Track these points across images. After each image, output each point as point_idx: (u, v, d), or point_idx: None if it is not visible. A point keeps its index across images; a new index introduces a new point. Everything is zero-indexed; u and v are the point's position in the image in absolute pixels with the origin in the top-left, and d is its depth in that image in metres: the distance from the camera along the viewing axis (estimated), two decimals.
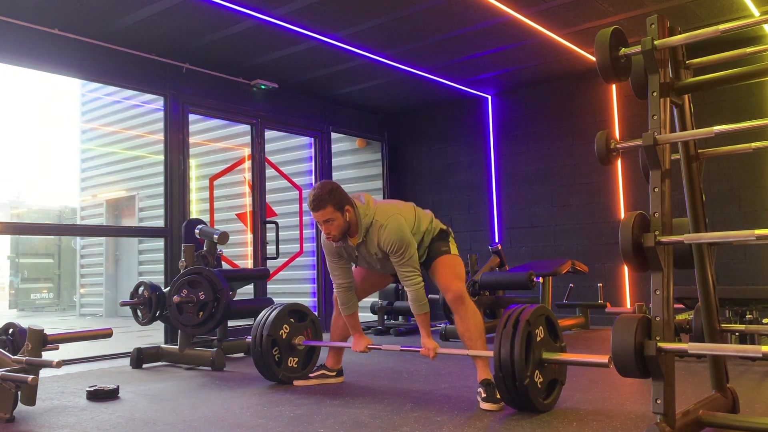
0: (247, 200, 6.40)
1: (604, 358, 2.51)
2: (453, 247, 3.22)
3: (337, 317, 3.50)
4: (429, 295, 3.17)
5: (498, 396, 2.79)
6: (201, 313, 4.08)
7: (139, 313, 4.47)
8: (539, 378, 2.63)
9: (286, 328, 3.51)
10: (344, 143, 7.71)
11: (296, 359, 3.55)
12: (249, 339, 3.95)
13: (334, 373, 3.53)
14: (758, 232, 1.79)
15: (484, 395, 2.80)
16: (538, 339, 2.63)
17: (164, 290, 4.41)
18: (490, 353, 2.76)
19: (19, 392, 2.74)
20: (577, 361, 2.86)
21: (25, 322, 3.36)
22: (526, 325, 2.57)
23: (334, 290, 3.34)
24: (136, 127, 10.28)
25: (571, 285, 5.92)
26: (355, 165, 7.78)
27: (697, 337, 3.28)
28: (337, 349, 3.55)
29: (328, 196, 2.99)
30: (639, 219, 1.95)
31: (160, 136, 5.52)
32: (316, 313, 4.11)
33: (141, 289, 4.45)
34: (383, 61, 5.71)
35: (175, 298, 4.05)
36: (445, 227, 3.28)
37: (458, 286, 3.04)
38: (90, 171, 11.68)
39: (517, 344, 2.52)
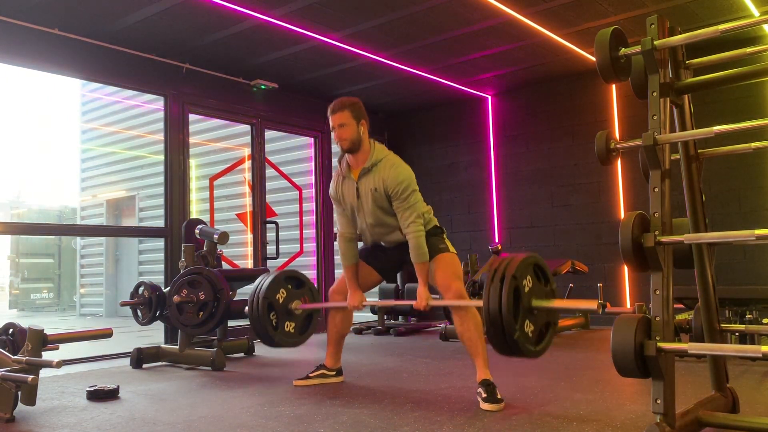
0: (247, 200, 6.40)
1: (593, 304, 2.44)
2: (450, 245, 3.23)
3: (333, 315, 3.50)
4: (433, 295, 3.16)
5: (499, 396, 2.79)
6: (201, 313, 4.08)
7: (139, 313, 4.47)
8: (530, 327, 2.55)
9: (283, 293, 3.48)
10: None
11: (293, 324, 3.51)
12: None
13: (334, 373, 3.53)
14: (758, 232, 1.79)
15: (484, 395, 2.80)
16: (527, 290, 2.55)
17: (164, 290, 4.42)
18: (485, 357, 2.74)
19: (19, 392, 2.74)
20: (567, 308, 2.79)
21: (25, 322, 3.36)
22: (512, 280, 2.49)
23: (338, 271, 3.38)
24: (136, 127, 10.29)
25: (571, 285, 5.92)
26: None
27: (697, 337, 3.28)
28: (336, 349, 3.55)
29: (349, 103, 3.19)
30: (639, 219, 1.95)
31: (160, 136, 5.52)
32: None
33: (141, 289, 4.45)
34: (383, 61, 5.71)
35: (175, 298, 4.05)
36: (439, 225, 3.29)
37: (458, 286, 3.03)
38: (90, 171, 11.69)
39: (504, 299, 2.45)
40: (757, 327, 2.73)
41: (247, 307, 3.52)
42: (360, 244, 3.47)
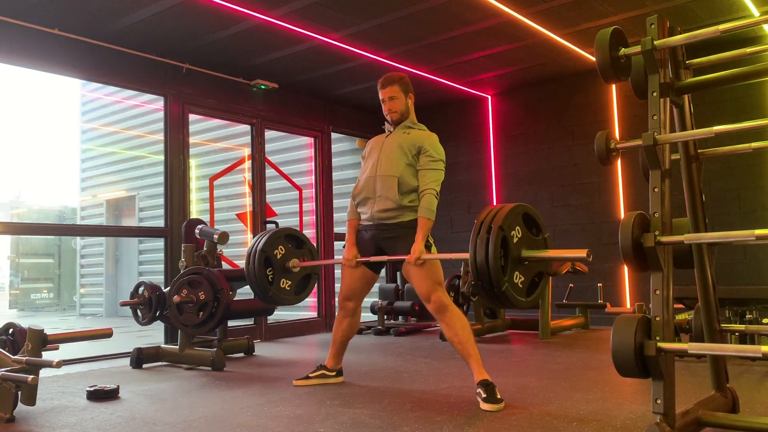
0: (247, 200, 6.40)
1: (582, 252, 2.41)
2: (434, 250, 3.18)
3: (340, 320, 3.48)
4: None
5: (498, 396, 2.79)
6: (201, 313, 4.08)
7: (139, 313, 4.47)
8: (520, 278, 2.53)
9: (282, 249, 3.46)
10: (344, 143, 7.71)
11: (289, 282, 3.49)
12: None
13: (334, 373, 3.53)
14: (758, 232, 1.79)
15: (484, 395, 2.80)
16: (515, 240, 2.51)
17: (164, 290, 4.42)
18: (478, 357, 2.72)
19: (19, 392, 2.74)
20: (556, 257, 2.76)
21: (25, 322, 3.36)
22: (500, 231, 2.45)
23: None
24: (136, 127, 10.29)
25: (571, 285, 5.92)
26: (355, 165, 7.78)
27: (697, 337, 3.29)
28: (338, 351, 3.54)
29: (398, 78, 3.34)
30: (639, 219, 1.95)
31: (160, 136, 5.52)
32: (315, 315, 4.08)
33: (141, 289, 4.45)
34: (383, 61, 5.71)
35: (175, 298, 4.05)
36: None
37: (438, 296, 3.04)
38: (90, 171, 11.69)
39: (491, 251, 2.42)
40: (757, 327, 2.73)
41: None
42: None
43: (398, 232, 3.16)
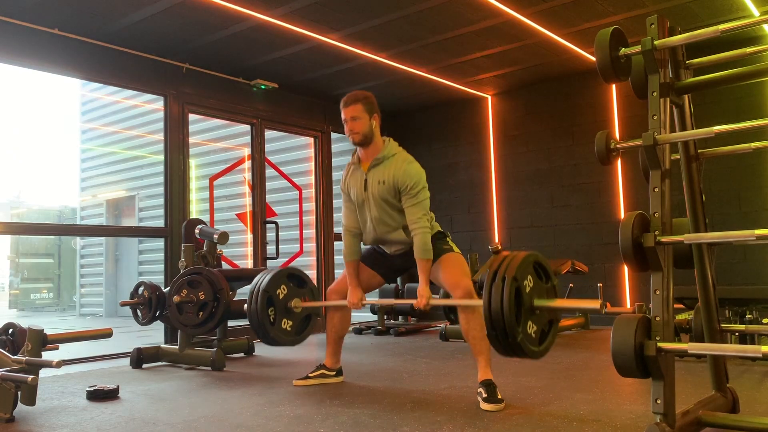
0: (247, 200, 6.40)
1: (596, 303, 2.39)
2: (454, 247, 3.22)
3: (331, 315, 3.49)
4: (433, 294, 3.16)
5: (499, 396, 2.79)
6: (201, 313, 4.08)
7: (139, 313, 4.47)
8: (533, 327, 2.52)
9: (284, 289, 3.46)
10: (344, 143, 7.71)
11: (291, 322, 3.49)
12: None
13: (333, 373, 3.53)
14: (758, 232, 1.79)
15: (485, 395, 2.80)
16: (528, 290, 2.51)
17: (164, 290, 4.42)
18: (488, 357, 2.74)
19: (19, 392, 2.74)
20: (569, 308, 2.76)
21: (25, 322, 3.36)
22: (513, 281, 2.45)
23: (338, 271, 3.38)
24: (136, 127, 10.29)
25: (571, 285, 5.91)
26: None
27: (697, 337, 3.28)
28: (335, 349, 3.54)
29: (363, 97, 3.22)
30: (639, 219, 1.95)
31: (160, 136, 5.52)
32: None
33: (141, 289, 4.45)
34: (383, 61, 5.71)
35: (175, 298, 4.04)
36: (441, 230, 3.28)
37: (467, 283, 3.02)
38: (90, 171, 11.69)
39: (506, 301, 2.42)
40: (757, 327, 2.73)
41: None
42: (363, 247, 3.45)
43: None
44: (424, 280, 3.08)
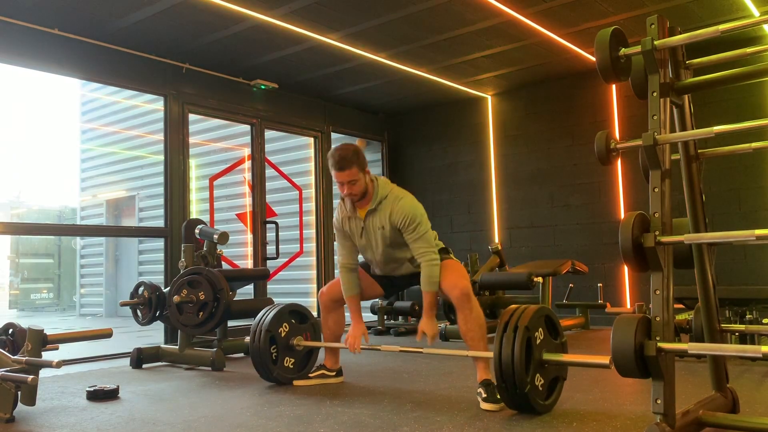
0: (247, 200, 6.40)
1: (605, 359, 2.48)
2: (454, 258, 3.25)
3: (325, 317, 3.49)
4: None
5: (498, 396, 2.79)
6: (201, 313, 4.08)
7: (139, 313, 4.47)
8: (540, 381, 2.60)
9: (286, 327, 3.50)
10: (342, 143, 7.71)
11: (293, 360, 3.53)
12: (248, 339, 3.95)
13: (334, 373, 3.53)
14: (758, 232, 1.78)
15: (484, 395, 2.80)
16: (538, 341, 2.61)
17: (164, 290, 4.41)
18: (490, 354, 2.75)
19: (19, 392, 2.74)
20: (577, 362, 2.80)
21: (25, 322, 3.36)
22: (525, 331, 2.53)
23: (337, 271, 3.39)
24: (136, 127, 10.29)
25: (571, 285, 5.92)
26: None
27: (697, 337, 3.28)
28: (333, 349, 3.54)
29: (354, 157, 3.07)
30: (639, 219, 1.95)
31: (160, 136, 5.52)
32: (316, 315, 4.11)
33: (141, 289, 4.45)
34: (383, 61, 5.71)
35: (175, 298, 4.04)
36: (444, 246, 3.28)
37: (465, 284, 3.03)
38: (90, 171, 11.69)
39: (517, 352, 2.49)
40: (757, 327, 2.73)
41: (248, 338, 3.51)
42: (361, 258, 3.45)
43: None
44: (429, 313, 3.09)
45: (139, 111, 10.16)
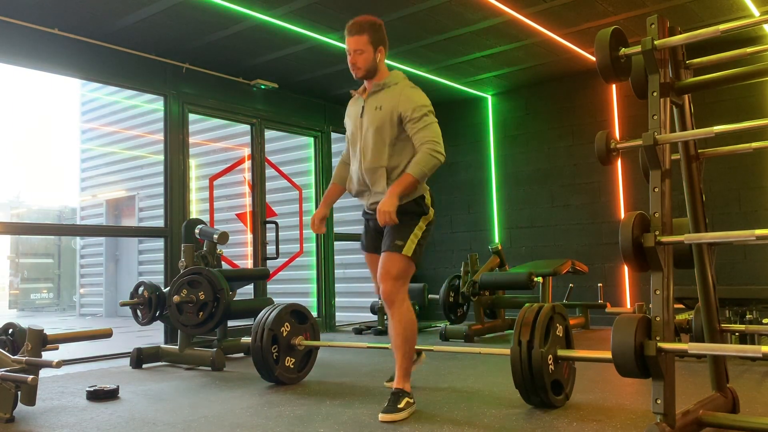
0: (247, 200, 6.40)
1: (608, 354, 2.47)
2: (410, 245, 2.76)
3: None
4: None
5: (401, 405, 2.60)
6: (201, 313, 4.08)
7: (139, 313, 4.47)
8: (552, 368, 2.71)
9: (287, 327, 3.50)
10: (344, 143, 7.71)
11: (293, 360, 3.53)
12: (244, 340, 3.95)
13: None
14: (758, 232, 1.78)
15: (385, 404, 2.64)
16: (559, 334, 2.76)
17: (164, 290, 4.41)
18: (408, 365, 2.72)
19: (19, 392, 2.74)
20: (587, 357, 2.94)
21: (25, 322, 3.36)
22: (550, 315, 2.71)
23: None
24: (136, 127, 10.29)
25: (571, 285, 5.91)
26: None
27: (697, 337, 3.29)
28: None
29: (370, 27, 2.86)
30: (639, 219, 1.95)
31: (160, 136, 5.52)
32: (315, 315, 4.11)
33: (141, 289, 4.45)
34: None
35: (175, 298, 4.04)
36: (430, 198, 2.87)
37: (388, 286, 2.71)
38: (90, 171, 11.69)
39: (536, 346, 2.63)
40: (757, 327, 2.73)
41: (245, 338, 3.49)
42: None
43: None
44: (392, 191, 2.67)
45: (139, 111, 10.16)
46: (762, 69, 2.28)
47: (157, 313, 4.38)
